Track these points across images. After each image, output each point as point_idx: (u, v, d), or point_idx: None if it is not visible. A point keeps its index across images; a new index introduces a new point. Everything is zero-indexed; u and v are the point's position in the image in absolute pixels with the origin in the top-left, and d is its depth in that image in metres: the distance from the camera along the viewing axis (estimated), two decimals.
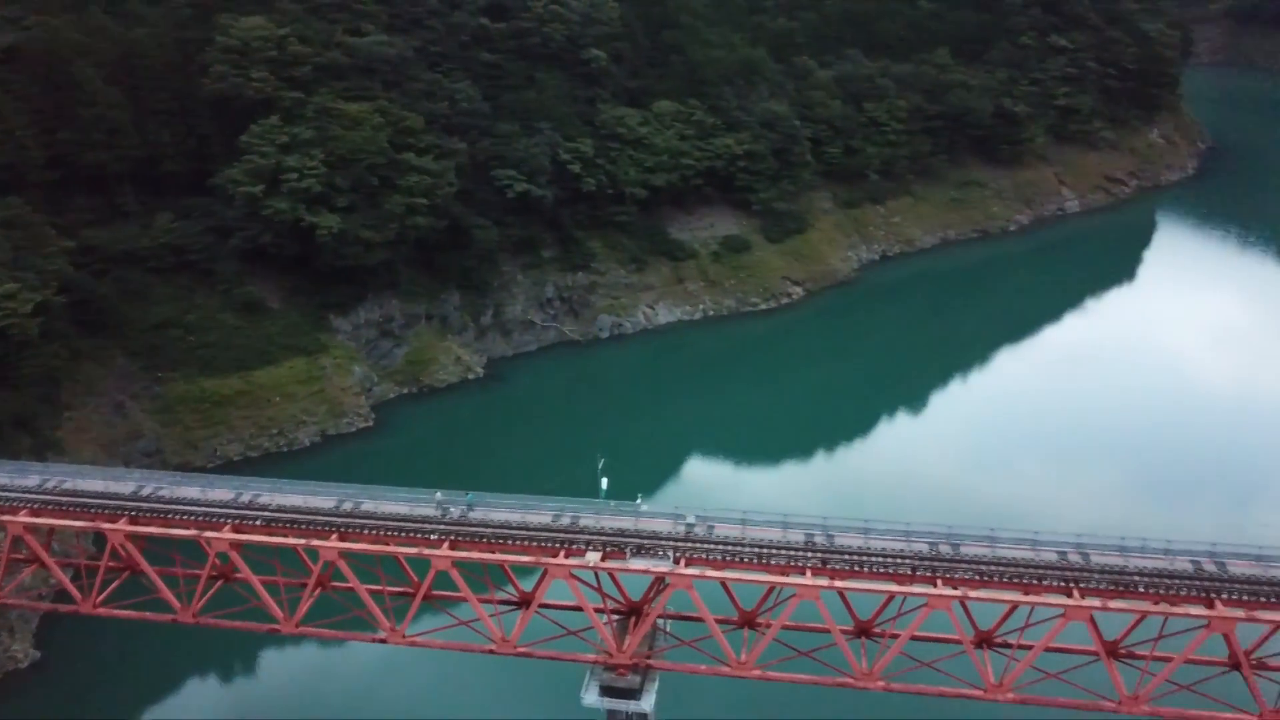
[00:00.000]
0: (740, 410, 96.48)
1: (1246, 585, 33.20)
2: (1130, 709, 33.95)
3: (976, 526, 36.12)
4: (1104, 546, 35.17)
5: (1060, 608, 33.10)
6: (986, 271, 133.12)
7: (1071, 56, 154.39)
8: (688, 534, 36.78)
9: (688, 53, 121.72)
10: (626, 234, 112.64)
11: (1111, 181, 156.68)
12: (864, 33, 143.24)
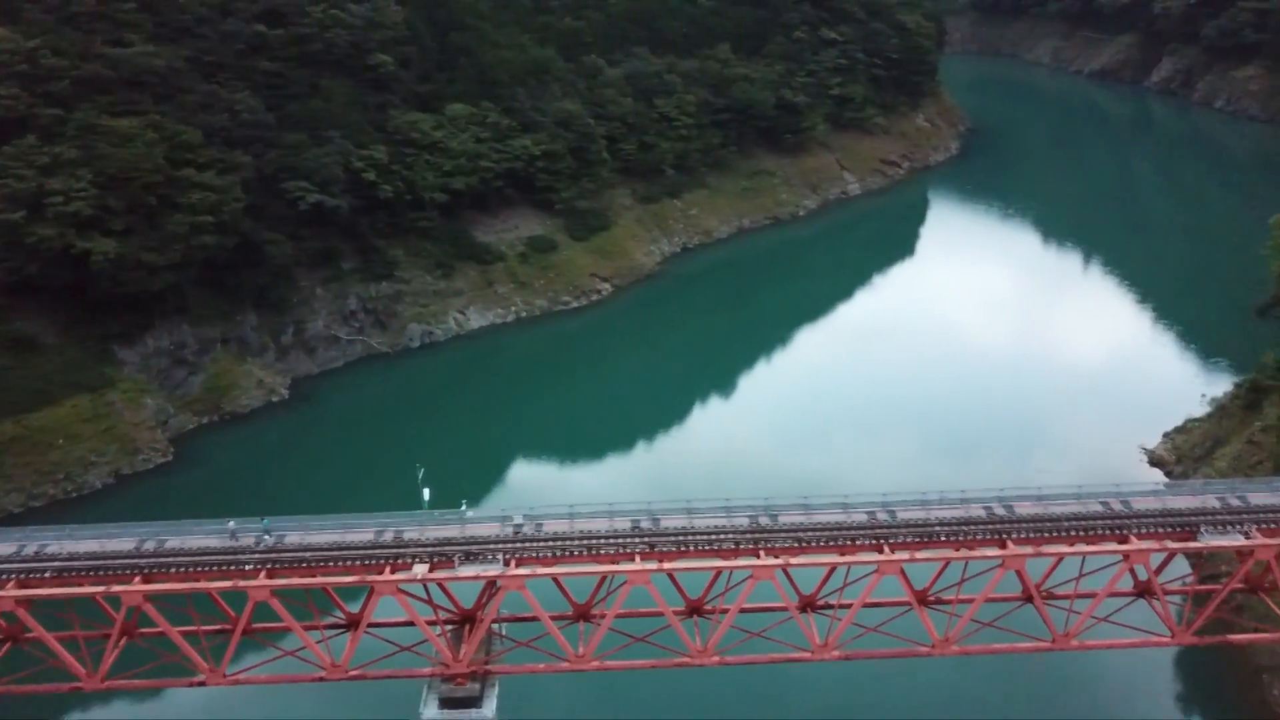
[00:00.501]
0: (560, 408, 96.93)
1: (1032, 524, 36.38)
2: (942, 650, 36.49)
3: (793, 496, 37.86)
4: (908, 503, 37.65)
5: (874, 564, 35.16)
6: (781, 256, 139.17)
7: (841, 49, 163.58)
8: (516, 534, 36.72)
9: (477, 54, 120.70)
10: (430, 240, 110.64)
11: (886, 164, 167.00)
12: (649, 30, 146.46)
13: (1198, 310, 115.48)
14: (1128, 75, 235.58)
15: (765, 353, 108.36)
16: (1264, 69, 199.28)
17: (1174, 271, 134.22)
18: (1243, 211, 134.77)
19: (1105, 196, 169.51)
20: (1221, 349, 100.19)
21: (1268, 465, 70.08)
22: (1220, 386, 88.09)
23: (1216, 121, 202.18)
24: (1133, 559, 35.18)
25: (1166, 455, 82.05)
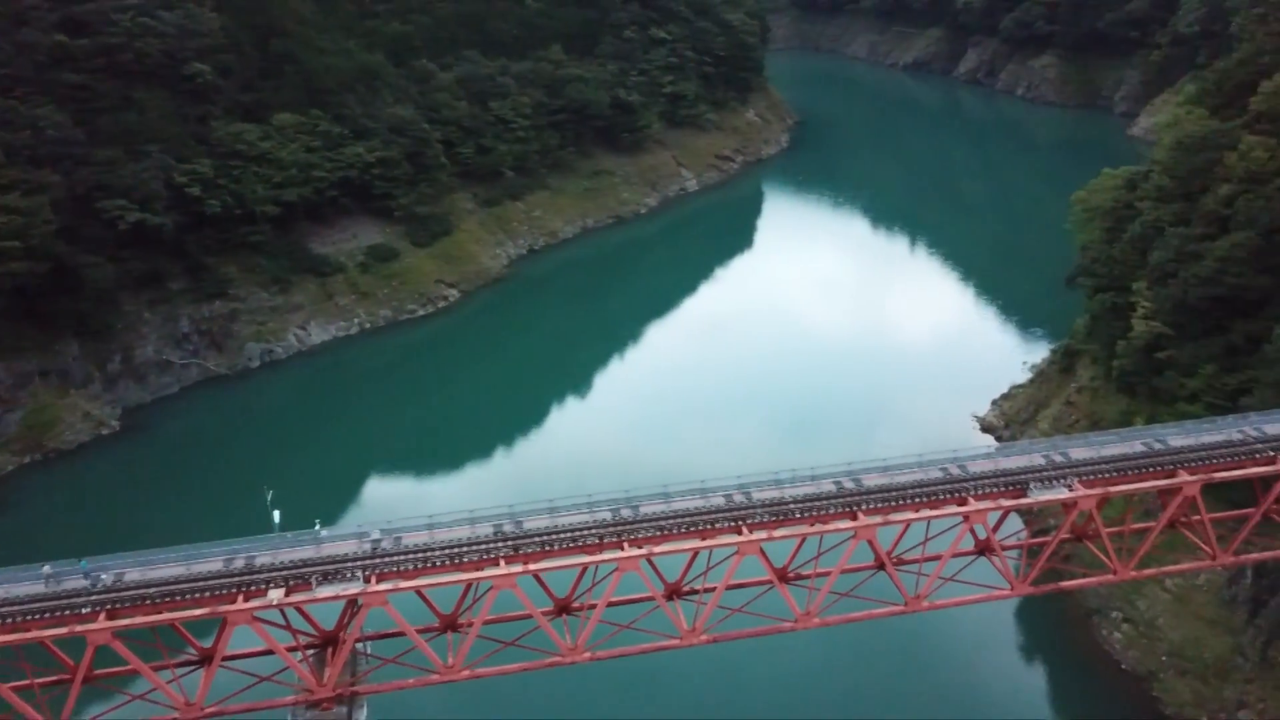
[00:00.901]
0: (413, 419, 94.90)
1: (880, 494, 38.03)
2: (805, 624, 37.70)
3: (652, 487, 38.30)
4: (762, 483, 38.67)
5: (734, 546, 35.98)
6: (627, 254, 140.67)
7: (671, 47, 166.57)
8: (375, 550, 35.74)
9: (302, 61, 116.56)
10: (264, 255, 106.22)
11: (721, 159, 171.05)
12: (479, 33, 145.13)
13: (1016, 284, 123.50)
14: (938, 66, 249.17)
15: (618, 350, 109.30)
16: (1057, 58, 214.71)
17: (992, 249, 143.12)
18: (1048, 190, 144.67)
19: (925, 181, 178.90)
20: (1039, 319, 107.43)
21: (1084, 422, 75.65)
22: (1039, 354, 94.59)
23: (1019, 107, 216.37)
24: (972, 519, 37.35)
25: (996, 421, 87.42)
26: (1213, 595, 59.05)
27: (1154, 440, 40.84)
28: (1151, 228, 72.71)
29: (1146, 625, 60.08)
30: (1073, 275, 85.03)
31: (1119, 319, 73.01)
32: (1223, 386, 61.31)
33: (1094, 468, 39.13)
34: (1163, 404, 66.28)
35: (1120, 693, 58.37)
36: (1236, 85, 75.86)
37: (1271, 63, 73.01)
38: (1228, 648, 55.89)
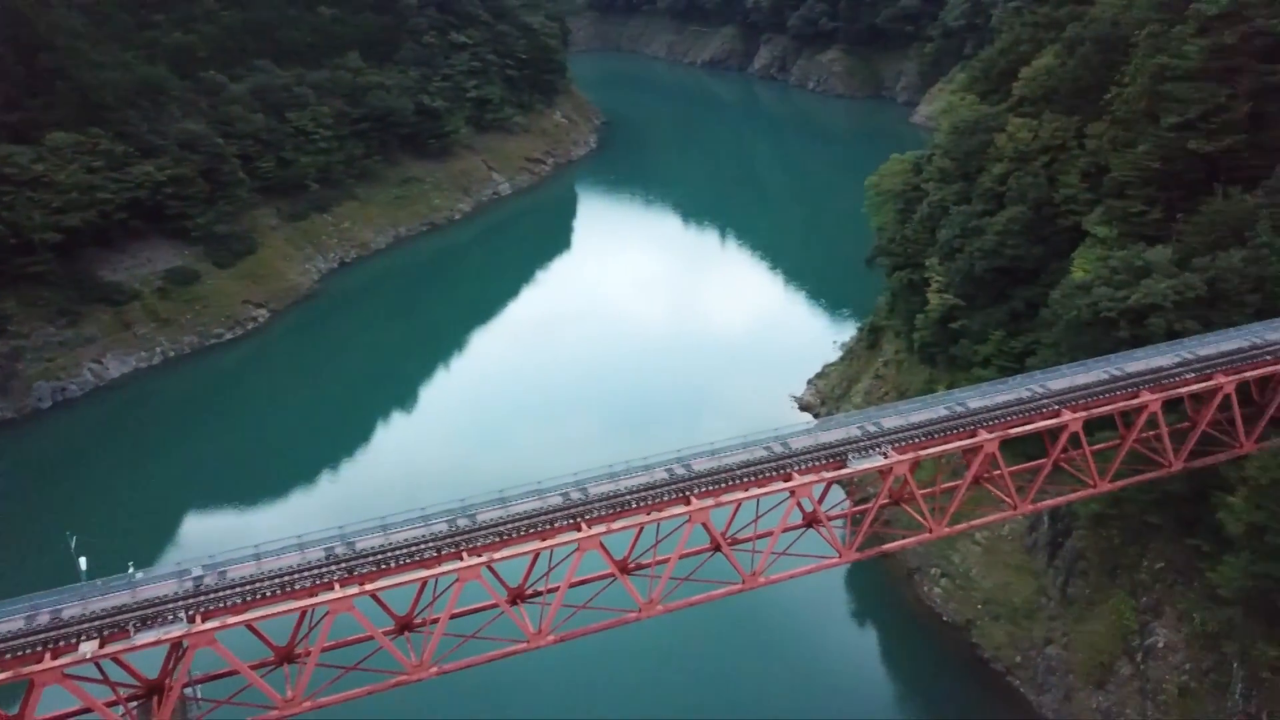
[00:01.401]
0: (231, 448, 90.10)
1: (710, 478, 39.13)
2: (649, 612, 38.35)
3: (489, 493, 38.01)
4: (598, 478, 39.01)
5: (574, 543, 36.21)
6: (444, 261, 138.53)
7: (473, 52, 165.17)
8: (198, 588, 33.82)
9: (74, 76, 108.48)
10: (47, 286, 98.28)
11: (532, 162, 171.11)
12: (269, 42, 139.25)
13: (822, 268, 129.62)
14: (734, 63, 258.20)
15: (442, 359, 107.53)
16: (842, 52, 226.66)
17: (797, 237, 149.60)
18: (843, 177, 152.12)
19: (730, 175, 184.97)
20: (845, 299, 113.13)
21: (893, 393, 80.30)
22: (848, 332, 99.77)
23: (811, 100, 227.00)
24: (798, 493, 39.00)
25: (813, 399, 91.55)
26: (1017, 544, 64.04)
27: (955, 404, 43.81)
28: (938, 207, 77.91)
29: (962, 578, 64.50)
30: (871, 256, 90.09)
31: (916, 294, 77.93)
32: (1010, 350, 66.47)
33: (904, 434, 41.62)
34: (960, 370, 71.19)
35: (943, 642, 62.47)
36: (1000, 72, 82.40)
37: (1028, 51, 79.67)
38: (1033, 590, 60.77)
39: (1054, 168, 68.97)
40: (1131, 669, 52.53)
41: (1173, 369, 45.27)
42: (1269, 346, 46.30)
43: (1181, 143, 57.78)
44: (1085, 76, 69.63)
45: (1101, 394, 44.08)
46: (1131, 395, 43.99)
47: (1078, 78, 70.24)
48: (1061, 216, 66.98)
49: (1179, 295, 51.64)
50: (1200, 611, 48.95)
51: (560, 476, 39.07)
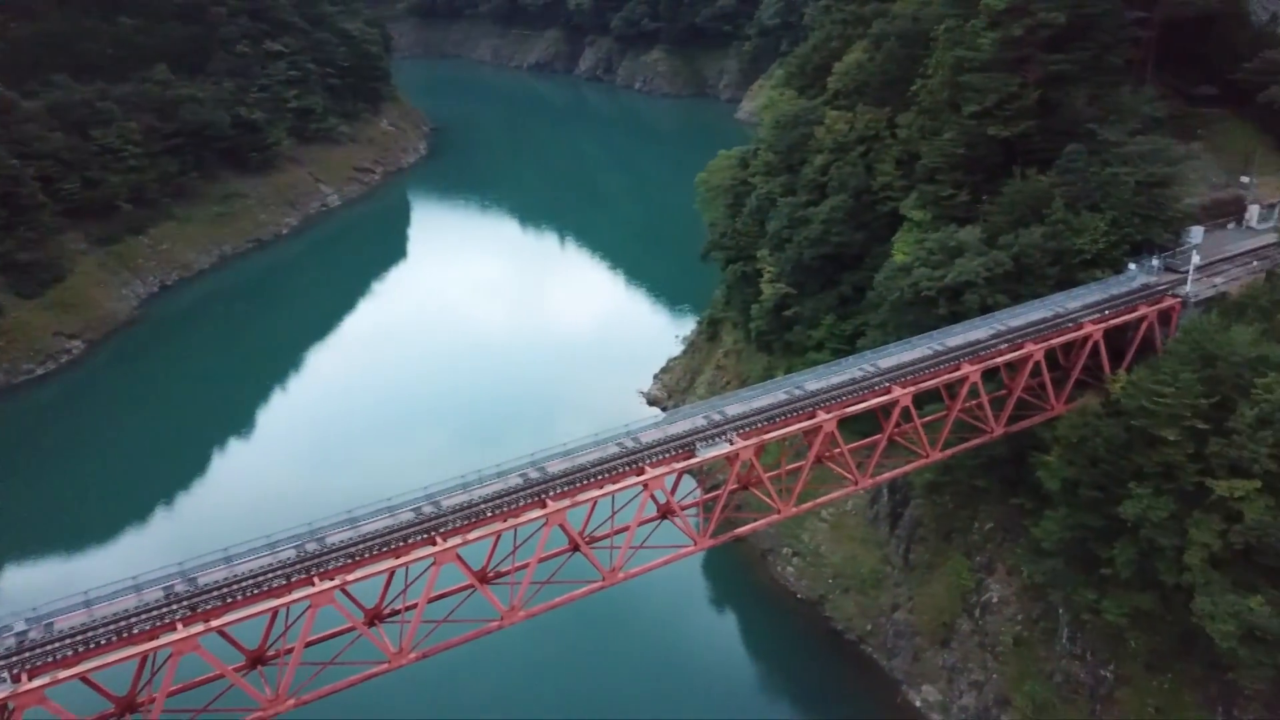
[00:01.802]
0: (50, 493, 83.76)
1: (564, 478, 39.36)
2: (511, 619, 38.22)
3: (338, 514, 36.98)
4: (451, 490, 38.62)
5: (430, 557, 35.70)
6: (274, 278, 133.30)
7: (290, 60, 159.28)
8: (21, 644, 31.56)
9: None
10: None
11: (361, 172, 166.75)
12: (67, 56, 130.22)
13: (659, 264, 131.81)
14: (561, 66, 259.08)
15: (279, 380, 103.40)
16: (665, 52, 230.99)
17: (634, 235, 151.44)
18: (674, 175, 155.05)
19: (564, 177, 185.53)
20: (684, 294, 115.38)
21: (735, 382, 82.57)
22: (688, 326, 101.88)
23: (639, 100, 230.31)
24: (651, 486, 39.73)
25: (659, 393, 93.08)
26: (860, 518, 67.10)
27: (794, 388, 45.57)
28: (765, 200, 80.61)
29: (812, 555, 67.07)
30: (706, 251, 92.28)
31: (750, 285, 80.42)
32: (842, 333, 69.63)
33: (748, 420, 43.00)
34: (796, 355, 73.94)
35: (798, 619, 64.83)
36: (815, 68, 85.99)
37: (839, 47, 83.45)
38: (878, 560, 63.85)
39: (870, 157, 72.53)
40: (971, 625, 55.95)
41: (988, 341, 48.52)
42: (1070, 315, 50.22)
43: (982, 129, 61.76)
44: (892, 70, 73.49)
45: (927, 369, 46.78)
46: (954, 368, 46.88)
47: (886, 71, 74.05)
48: (880, 203, 70.52)
49: (989, 272, 55.24)
50: (1027, 565, 52.51)
51: (412, 491, 38.45)
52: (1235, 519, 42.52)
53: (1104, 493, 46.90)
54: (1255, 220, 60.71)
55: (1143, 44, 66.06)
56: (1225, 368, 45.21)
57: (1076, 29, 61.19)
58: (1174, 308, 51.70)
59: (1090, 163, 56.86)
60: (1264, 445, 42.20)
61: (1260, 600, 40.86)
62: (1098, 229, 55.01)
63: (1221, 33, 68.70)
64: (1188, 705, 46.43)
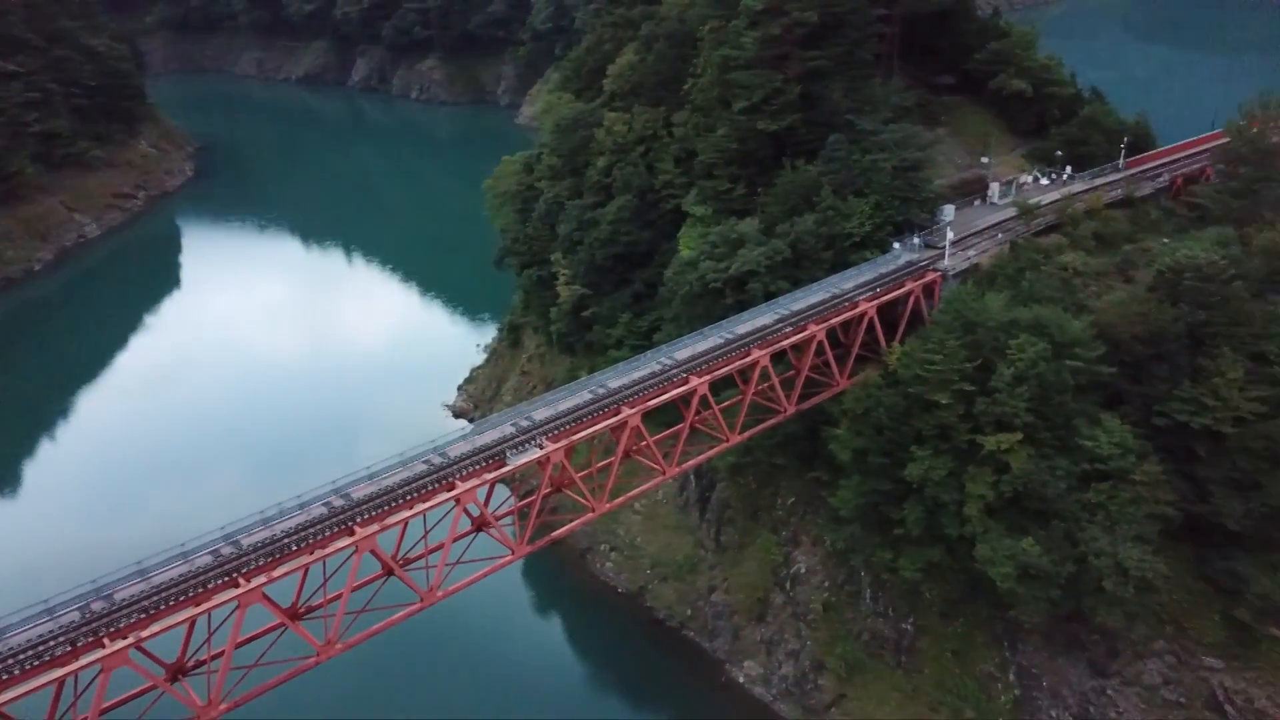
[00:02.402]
0: None
1: (372, 503, 38.35)
2: (328, 653, 36.89)
3: (126, 566, 34.52)
4: (251, 527, 36.82)
5: (234, 600, 33.95)
6: (27, 320, 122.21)
7: (28, 80, 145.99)
8: None
9: None
10: None
11: (121, 198, 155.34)
12: None
13: (454, 274, 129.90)
14: (332, 77, 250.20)
15: (45, 429, 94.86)
16: (440, 60, 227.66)
17: (426, 246, 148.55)
18: (461, 183, 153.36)
19: (347, 192, 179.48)
20: (482, 302, 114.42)
21: (540, 386, 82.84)
22: (489, 334, 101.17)
23: (417, 109, 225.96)
24: (463, 500, 39.33)
25: (465, 404, 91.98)
26: (671, 506, 68.90)
27: (598, 387, 46.30)
28: (554, 204, 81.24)
29: (629, 548, 68.31)
30: (499, 257, 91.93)
31: (547, 289, 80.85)
32: (639, 329, 71.17)
33: (556, 423, 43.34)
34: (598, 354, 74.96)
35: (621, 612, 65.84)
36: (590, 71, 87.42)
37: (611, 49, 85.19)
38: (692, 545, 65.79)
39: (650, 156, 74.51)
40: (784, 598, 58.68)
41: (774, 325, 50.99)
42: (846, 295, 53.52)
43: (752, 124, 64.74)
44: (664, 70, 75.78)
45: (720, 357, 48.67)
46: (745, 354, 48.99)
47: (658, 72, 76.27)
48: (663, 201, 72.59)
49: (770, 260, 58.04)
50: (829, 534, 55.64)
51: (209, 533, 36.40)
52: (1004, 470, 46.73)
53: (890, 458, 50.34)
54: (997, 196, 66.61)
55: (887, 39, 71.15)
56: (983, 333, 49.51)
57: (829, 27, 65.20)
58: (936, 281, 56.05)
59: (851, 151, 60.77)
60: (1022, 400, 46.59)
61: (1031, 541, 45.08)
62: (863, 213, 58.88)
63: (954, 27, 74.99)
64: (979, 645, 50.65)
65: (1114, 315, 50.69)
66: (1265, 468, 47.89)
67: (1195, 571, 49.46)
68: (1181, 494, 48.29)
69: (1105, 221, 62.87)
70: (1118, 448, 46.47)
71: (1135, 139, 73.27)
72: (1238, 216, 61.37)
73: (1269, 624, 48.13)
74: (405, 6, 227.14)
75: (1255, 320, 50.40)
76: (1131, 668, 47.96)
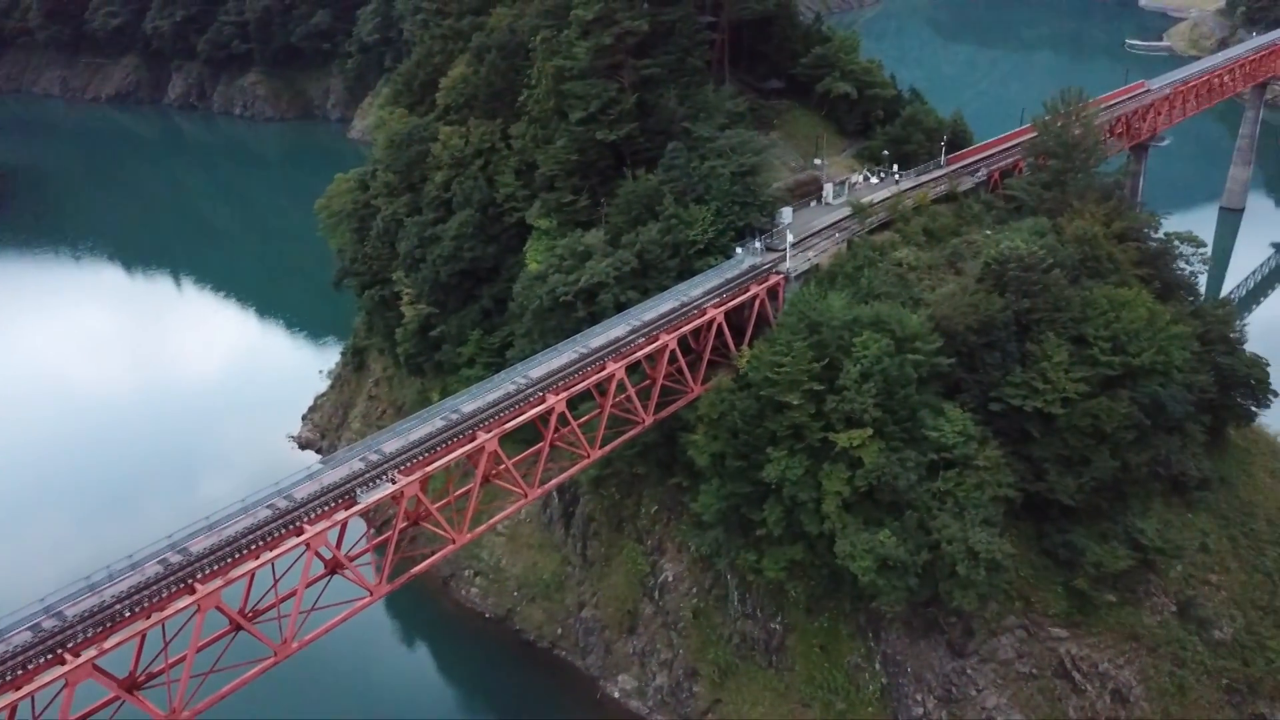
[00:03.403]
0: None
1: (213, 556, 35.80)
2: None
3: None
4: (76, 595, 33.78)
5: (60, 679, 31.01)
6: None
7: None
8: None
9: None
10: None
11: None
12: None
13: (292, 297, 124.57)
14: (145, 95, 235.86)
15: None
16: (263, 74, 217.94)
17: (260, 269, 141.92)
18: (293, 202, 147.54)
19: (170, 217, 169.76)
20: (323, 326, 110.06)
21: (390, 411, 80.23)
22: (332, 359, 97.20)
23: (241, 126, 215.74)
24: (313, 544, 37.22)
25: (312, 435, 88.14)
26: (535, 524, 67.82)
27: (450, 412, 44.86)
28: (392, 221, 78.80)
29: (494, 571, 66.84)
30: (337, 279, 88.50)
31: (390, 309, 78.34)
32: (491, 346, 69.78)
33: (408, 454, 41.70)
34: (450, 374, 73.15)
35: (490, 638, 64.38)
36: (421, 84, 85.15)
37: (442, 62, 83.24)
38: (558, 563, 64.92)
39: (490, 169, 73.21)
40: (653, 608, 58.58)
41: (627, 337, 50.75)
42: (694, 302, 53.84)
43: (590, 135, 64.47)
44: (497, 82, 74.59)
45: (575, 372, 48.05)
46: (600, 368, 48.54)
47: (491, 84, 75.00)
48: (506, 214, 71.44)
49: (618, 271, 57.89)
50: (693, 539, 55.85)
51: (26, 606, 33.12)
52: (857, 465, 47.94)
53: (747, 461, 50.89)
54: (831, 197, 68.65)
55: (716, 46, 72.30)
56: (828, 332, 50.70)
57: (659, 35, 65.70)
58: (779, 284, 57.15)
59: (690, 158, 61.33)
60: (869, 396, 47.92)
61: (887, 533, 46.42)
62: (705, 219, 59.48)
63: (779, 33, 76.91)
64: (844, 637, 51.87)
65: (948, 308, 52.88)
66: (1091, 444, 51.02)
67: (1037, 546, 52.22)
68: (1020, 475, 50.88)
69: (933, 217, 65.78)
70: (960, 436, 48.44)
71: (954, 136, 77.08)
72: (1050, 207, 65.40)
73: (1104, 590, 51.28)
74: (221, 19, 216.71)
75: (1074, 305, 53.67)
76: (987, 645, 50.11)
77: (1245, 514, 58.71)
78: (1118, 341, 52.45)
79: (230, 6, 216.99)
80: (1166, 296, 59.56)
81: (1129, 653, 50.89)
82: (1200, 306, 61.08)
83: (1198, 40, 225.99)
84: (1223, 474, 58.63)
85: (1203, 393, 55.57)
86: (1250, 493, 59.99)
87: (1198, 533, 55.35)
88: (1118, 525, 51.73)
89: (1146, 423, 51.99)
